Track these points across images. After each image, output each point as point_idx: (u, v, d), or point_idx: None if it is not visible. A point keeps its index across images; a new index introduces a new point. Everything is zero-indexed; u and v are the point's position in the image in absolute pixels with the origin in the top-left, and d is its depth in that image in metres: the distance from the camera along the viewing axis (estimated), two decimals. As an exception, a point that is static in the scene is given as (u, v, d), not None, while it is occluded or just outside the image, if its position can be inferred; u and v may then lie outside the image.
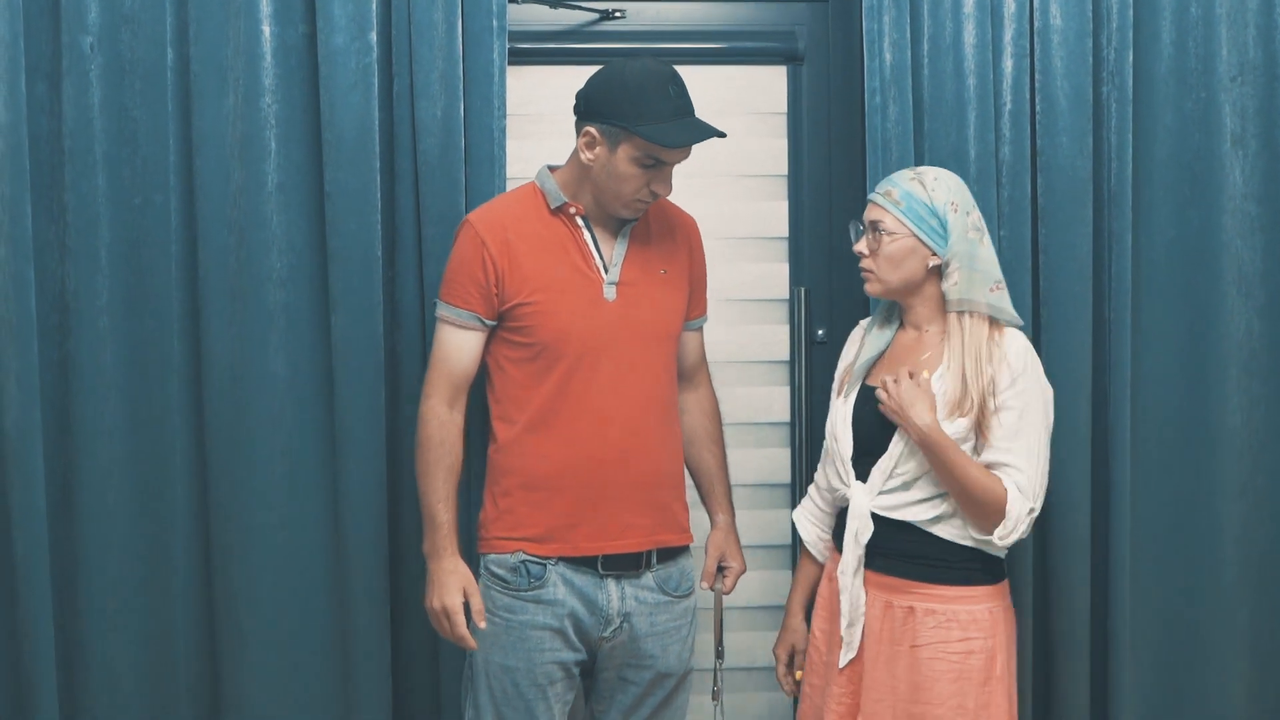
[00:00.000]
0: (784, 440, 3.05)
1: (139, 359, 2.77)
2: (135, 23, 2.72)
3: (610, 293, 2.51)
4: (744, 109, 3.02)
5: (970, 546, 2.44)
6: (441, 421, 2.50)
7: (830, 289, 3.02)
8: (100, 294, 2.75)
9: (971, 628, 2.42)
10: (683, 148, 2.45)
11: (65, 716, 2.77)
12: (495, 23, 2.76)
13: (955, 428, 2.40)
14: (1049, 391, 2.48)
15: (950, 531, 2.44)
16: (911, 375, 2.42)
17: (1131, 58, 2.87)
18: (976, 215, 2.49)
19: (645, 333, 2.54)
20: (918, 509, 2.44)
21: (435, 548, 2.50)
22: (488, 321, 2.51)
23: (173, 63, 2.74)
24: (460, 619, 2.47)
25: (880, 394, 2.44)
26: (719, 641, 2.75)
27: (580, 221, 2.53)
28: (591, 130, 2.45)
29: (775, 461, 3.05)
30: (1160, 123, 2.91)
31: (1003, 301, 2.48)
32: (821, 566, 2.65)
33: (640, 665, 2.57)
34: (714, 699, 2.73)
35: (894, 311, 2.59)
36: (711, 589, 2.72)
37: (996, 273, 2.49)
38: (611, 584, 2.52)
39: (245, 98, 2.75)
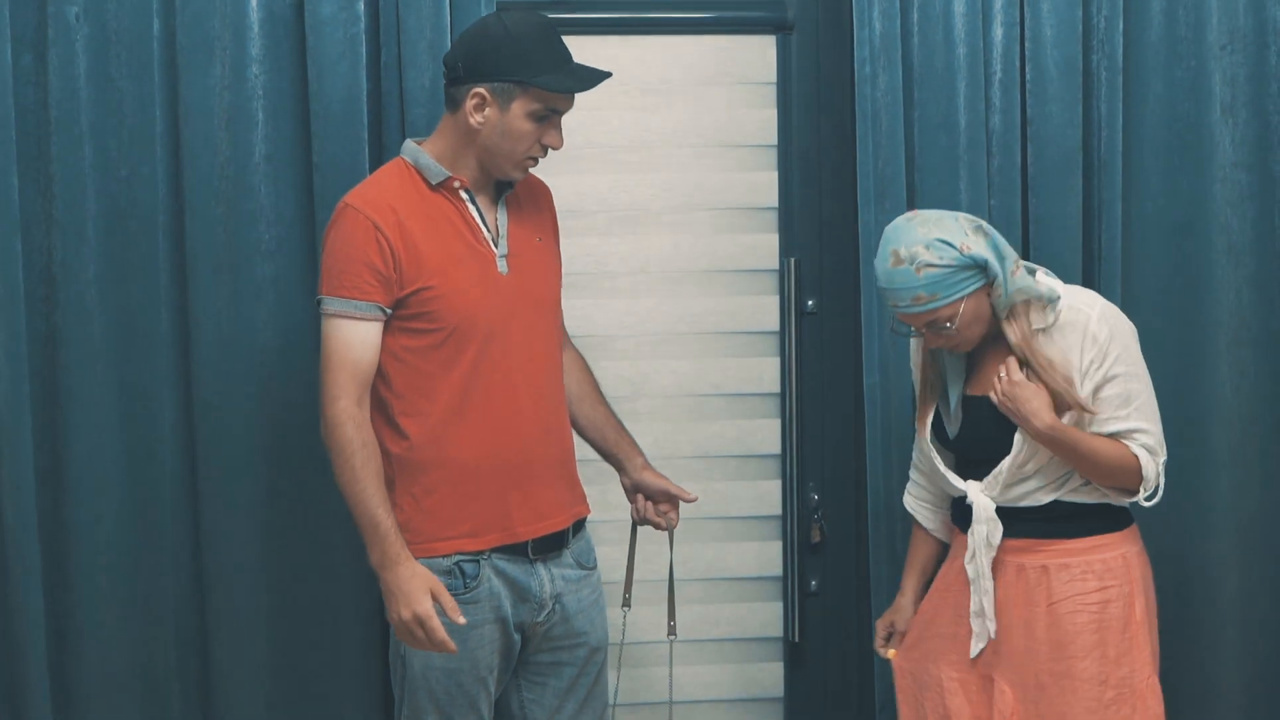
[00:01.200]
0: (774, 411, 3.04)
1: (127, 331, 2.76)
2: (121, -9, 2.71)
3: (502, 266, 2.43)
4: (733, 79, 3.00)
5: (1093, 502, 2.43)
6: (359, 423, 2.34)
7: (820, 259, 3.01)
8: (88, 266, 2.74)
9: (1107, 576, 2.41)
10: (578, 94, 2.40)
11: (55, 687, 2.77)
12: (483, -8, 2.76)
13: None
14: (1133, 331, 2.43)
15: (1073, 497, 2.42)
16: (1017, 368, 2.37)
17: (1122, 26, 2.86)
18: (962, 218, 2.38)
19: (538, 303, 2.48)
20: (1041, 493, 2.42)
21: (387, 556, 2.32)
22: (387, 310, 2.36)
23: (159, 33, 2.73)
24: (437, 623, 2.30)
25: (993, 396, 2.38)
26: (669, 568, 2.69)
27: (465, 195, 2.44)
28: (481, 91, 2.35)
29: (765, 433, 3.05)
30: (1151, 91, 2.90)
31: (1024, 281, 2.38)
32: (938, 544, 2.61)
33: (575, 644, 2.52)
34: (669, 624, 2.71)
35: None
36: (648, 522, 2.64)
37: (1009, 250, 2.39)
38: (541, 568, 2.46)
39: (232, 68, 2.74)
